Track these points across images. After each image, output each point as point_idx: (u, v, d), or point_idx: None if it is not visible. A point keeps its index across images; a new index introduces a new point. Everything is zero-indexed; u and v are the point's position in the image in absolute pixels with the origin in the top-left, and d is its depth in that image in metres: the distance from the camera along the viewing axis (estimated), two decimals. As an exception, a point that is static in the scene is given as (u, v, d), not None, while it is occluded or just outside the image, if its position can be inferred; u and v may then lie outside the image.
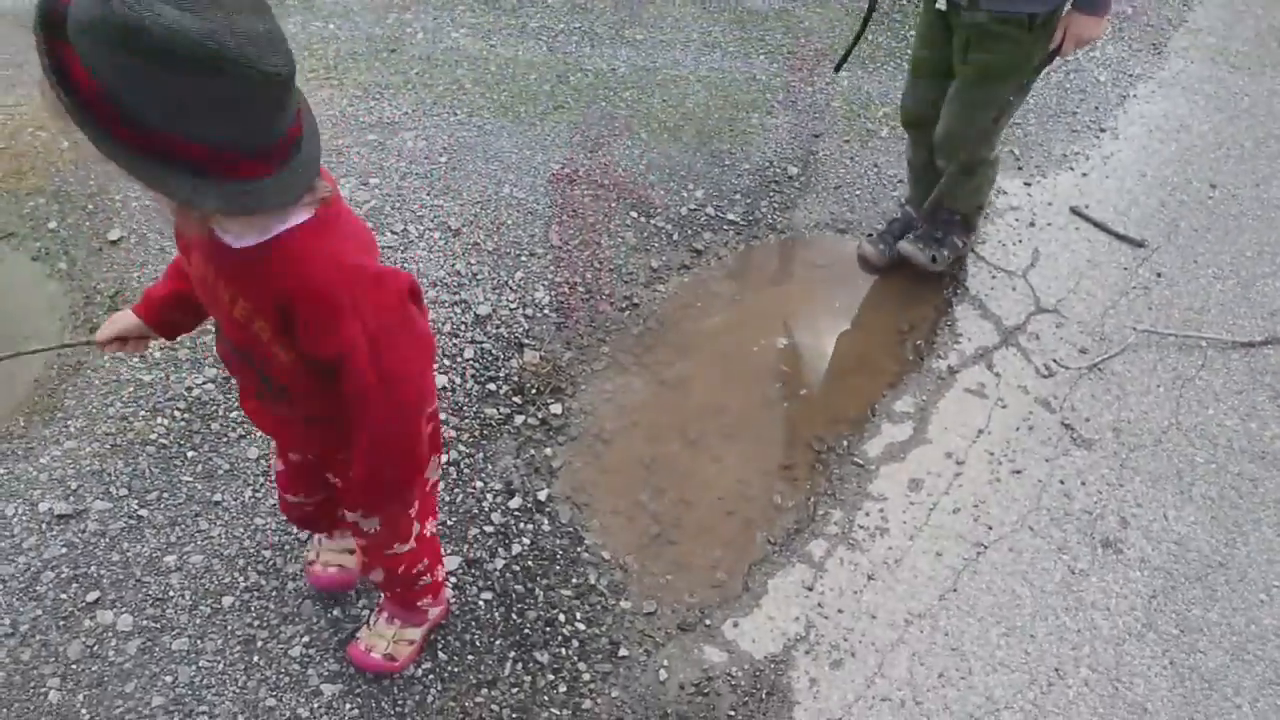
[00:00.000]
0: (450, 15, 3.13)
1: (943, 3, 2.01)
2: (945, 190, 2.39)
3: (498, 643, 1.71)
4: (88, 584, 1.70)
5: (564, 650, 1.72)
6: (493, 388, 2.10)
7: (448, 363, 2.14)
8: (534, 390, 2.11)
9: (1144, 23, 3.55)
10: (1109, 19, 1.97)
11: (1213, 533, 2.02)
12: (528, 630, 1.73)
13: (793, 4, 3.38)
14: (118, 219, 2.33)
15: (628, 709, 1.66)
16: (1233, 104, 3.22)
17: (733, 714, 1.67)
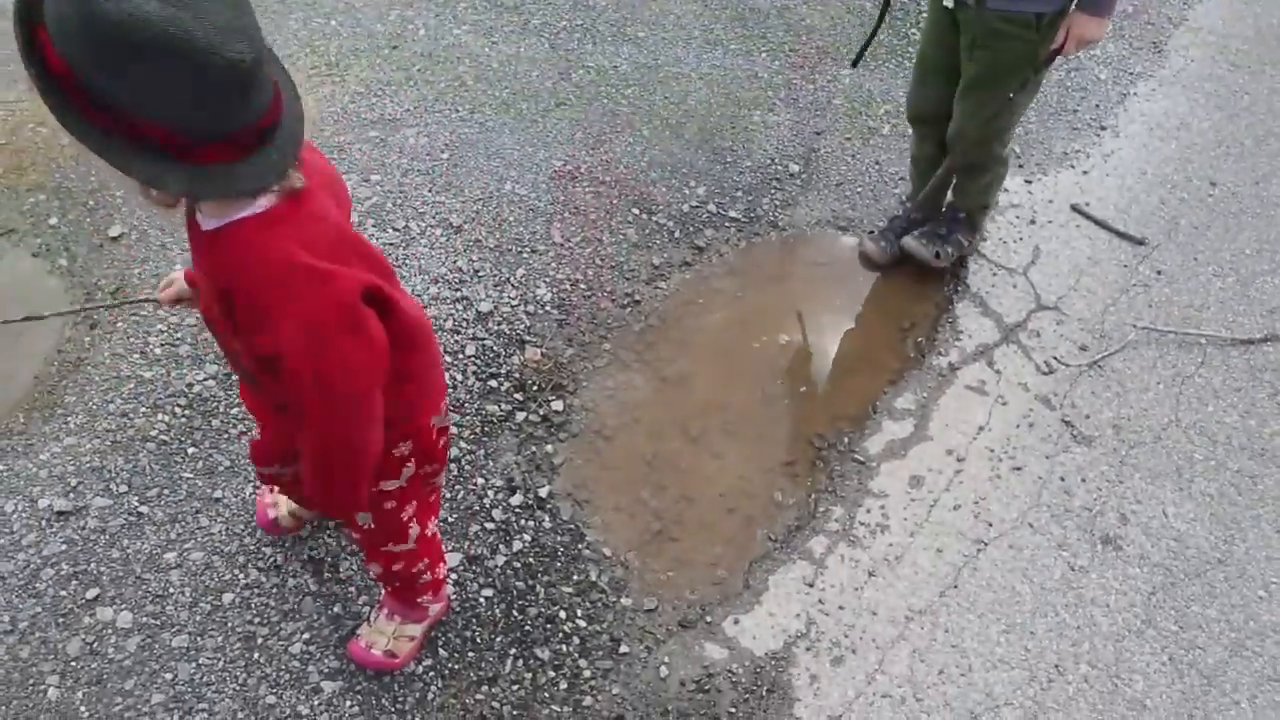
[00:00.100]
0: (452, 12, 3.12)
1: (950, 0, 2.00)
2: (953, 187, 2.39)
3: (498, 639, 1.71)
4: (87, 581, 1.69)
5: (565, 647, 1.72)
6: (494, 384, 2.10)
7: (449, 359, 2.13)
8: (535, 387, 2.11)
9: (1144, 21, 3.55)
10: (1111, 20, 1.97)
11: (1212, 529, 2.03)
12: (529, 627, 1.73)
13: (794, 1, 3.38)
14: (119, 215, 2.33)
15: (628, 706, 1.66)
16: (1233, 102, 3.22)
17: (733, 711, 1.67)
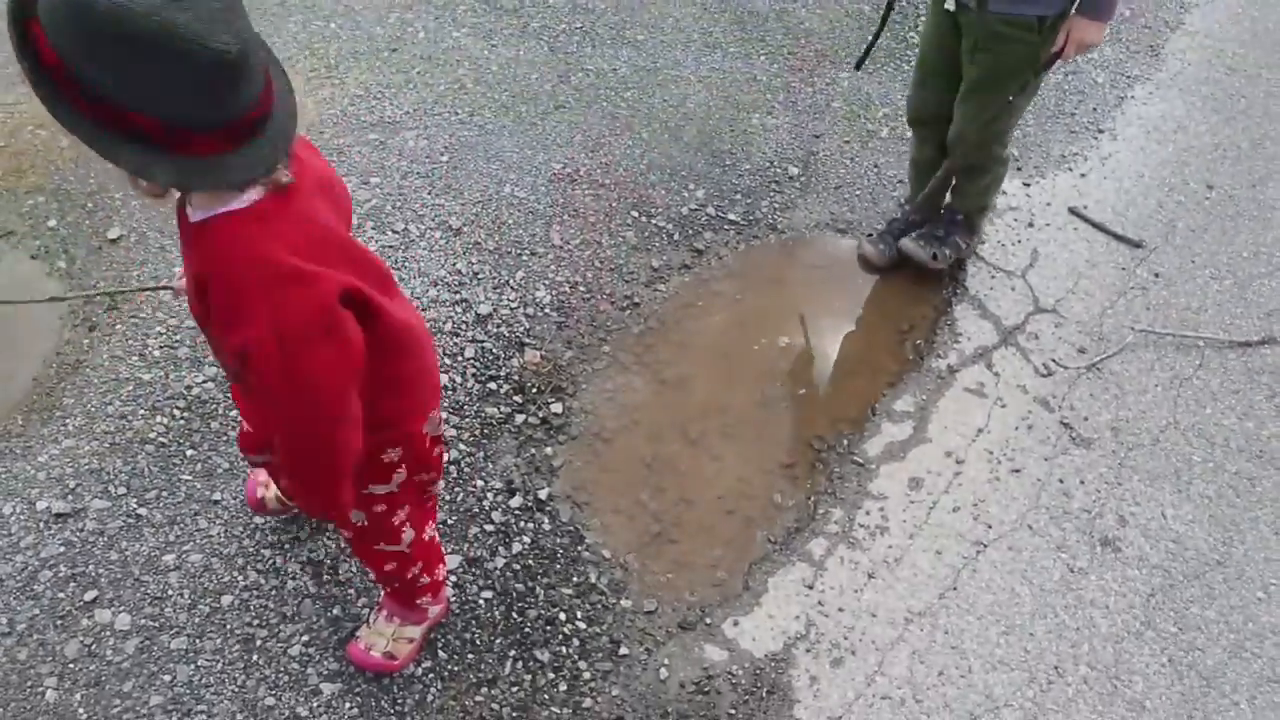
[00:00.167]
0: (451, 15, 3.13)
1: (951, 3, 2.01)
2: (952, 188, 2.40)
3: (498, 641, 1.71)
4: (85, 583, 1.69)
5: (564, 649, 1.71)
6: (494, 387, 2.10)
7: (449, 362, 2.13)
8: (535, 389, 2.11)
9: (1141, 25, 3.56)
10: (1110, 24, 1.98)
11: (1210, 531, 2.03)
12: (528, 629, 1.73)
13: (793, 5, 3.39)
14: (117, 217, 2.33)
15: (628, 707, 1.65)
16: (1229, 105, 3.23)
17: (733, 712, 1.67)
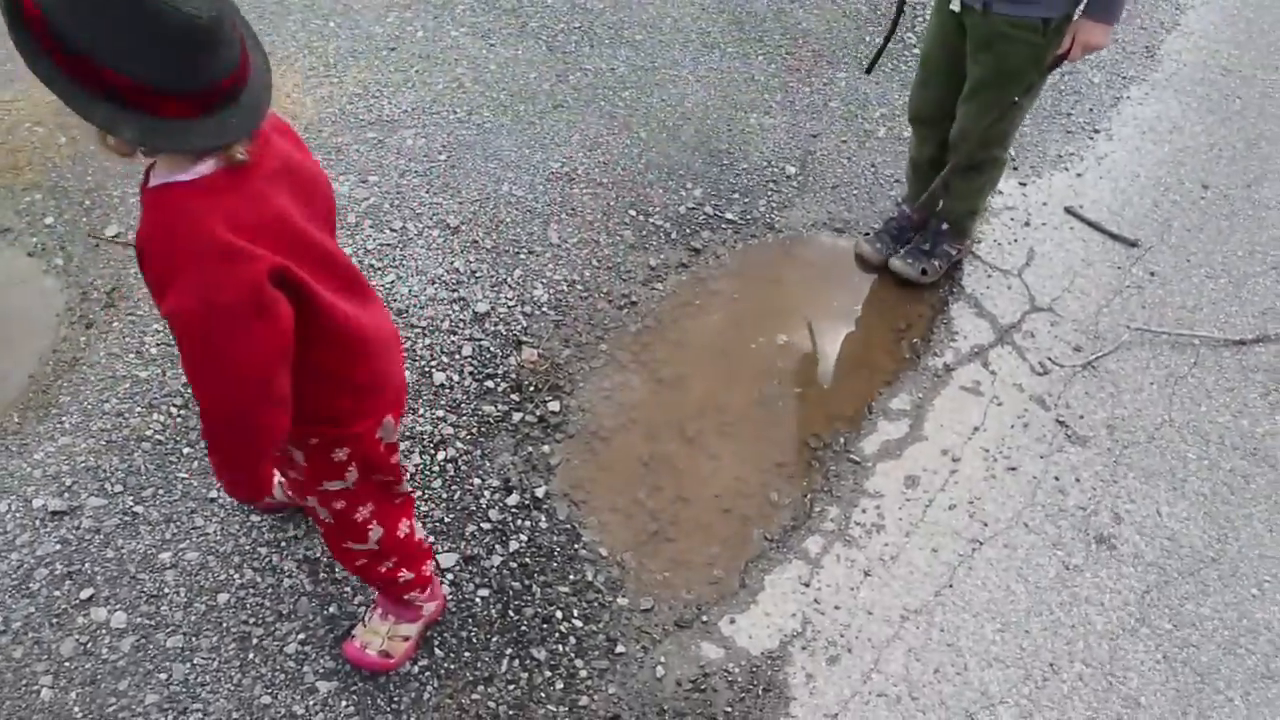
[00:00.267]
0: (450, 14, 3.13)
1: (956, 4, 2.02)
2: (945, 188, 2.40)
3: (494, 639, 1.71)
4: (81, 581, 1.69)
5: (561, 647, 1.71)
6: (491, 385, 2.10)
7: (446, 359, 2.13)
8: (532, 388, 2.11)
9: (1137, 26, 3.57)
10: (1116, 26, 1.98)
11: (1205, 528, 2.04)
12: (525, 627, 1.73)
13: (790, 5, 3.39)
14: (115, 214, 2.32)
15: (625, 705, 1.66)
16: (1225, 106, 3.25)
17: (729, 710, 1.67)
